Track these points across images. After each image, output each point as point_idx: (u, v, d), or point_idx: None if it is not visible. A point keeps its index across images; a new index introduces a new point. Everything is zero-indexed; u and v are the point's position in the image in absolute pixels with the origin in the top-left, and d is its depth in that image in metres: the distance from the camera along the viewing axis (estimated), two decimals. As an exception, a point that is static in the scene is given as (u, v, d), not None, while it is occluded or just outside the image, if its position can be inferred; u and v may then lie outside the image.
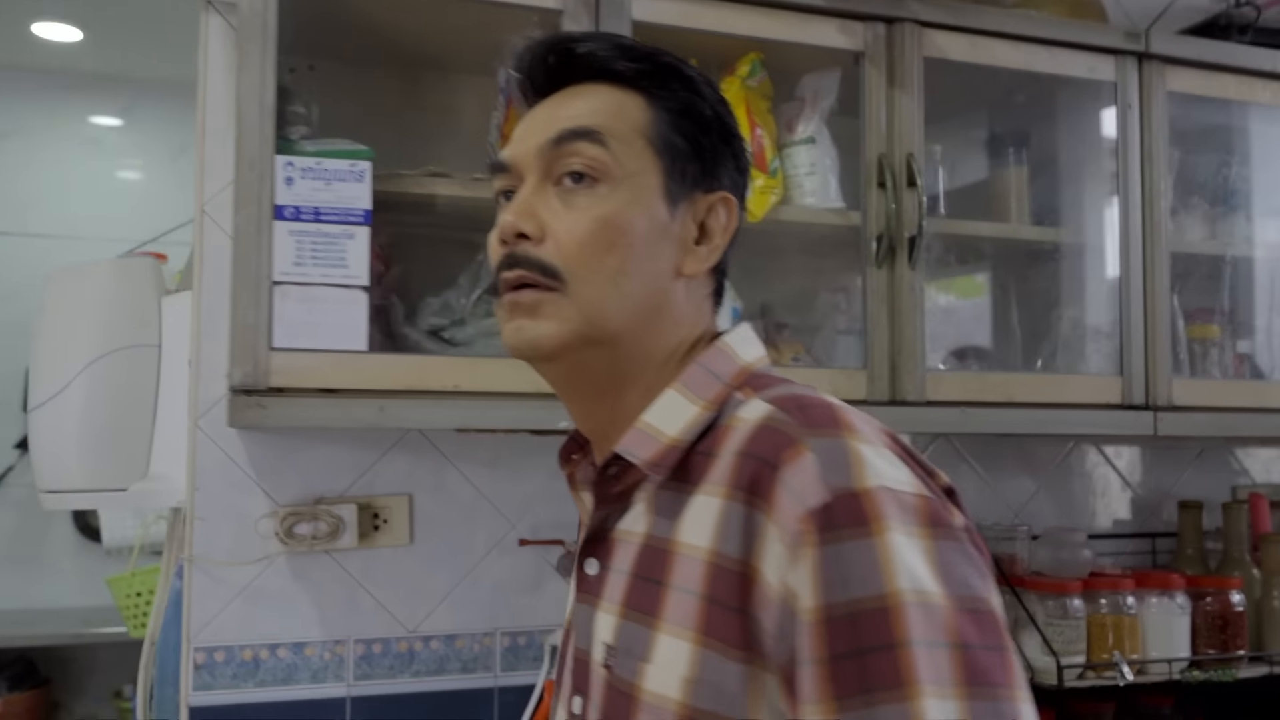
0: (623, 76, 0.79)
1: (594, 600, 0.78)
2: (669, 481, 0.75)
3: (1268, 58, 1.68)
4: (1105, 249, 1.63)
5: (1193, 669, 1.73)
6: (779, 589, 0.64)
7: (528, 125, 0.80)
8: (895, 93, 1.46)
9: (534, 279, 0.75)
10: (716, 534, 0.69)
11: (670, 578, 0.71)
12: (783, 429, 0.68)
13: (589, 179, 0.76)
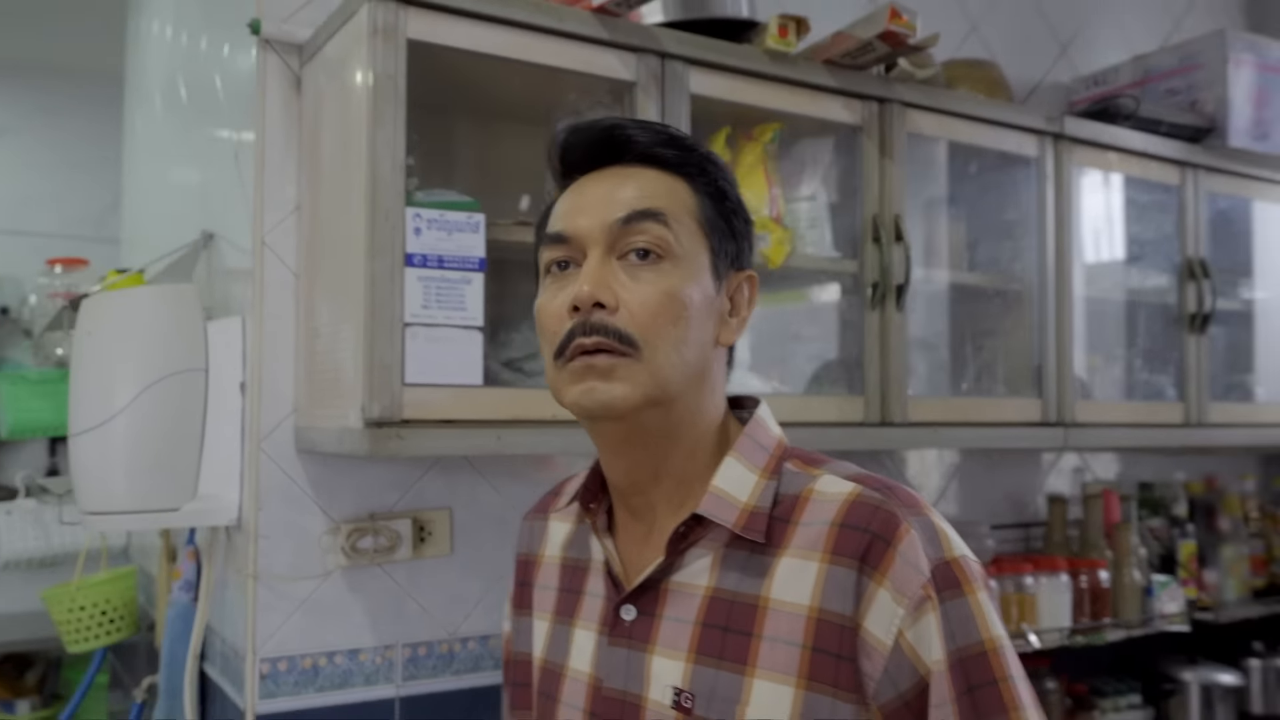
0: (667, 162, 0.88)
1: (641, 645, 0.86)
2: (737, 542, 0.85)
3: (1144, 140, 2.07)
4: (1026, 293, 1.97)
5: (1074, 635, 2.12)
6: (887, 642, 0.77)
7: (583, 202, 0.87)
8: (886, 162, 1.73)
9: (611, 345, 0.82)
10: (819, 593, 0.80)
11: (762, 630, 0.81)
12: (884, 507, 0.81)
13: (654, 255, 0.85)
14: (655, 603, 0.87)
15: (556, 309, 0.85)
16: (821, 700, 0.78)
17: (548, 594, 0.99)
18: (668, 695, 0.84)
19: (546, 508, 1.05)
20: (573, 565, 0.98)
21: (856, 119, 1.72)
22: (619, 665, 0.87)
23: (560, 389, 0.86)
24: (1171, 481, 2.52)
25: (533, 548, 1.04)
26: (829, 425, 1.68)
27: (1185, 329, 2.16)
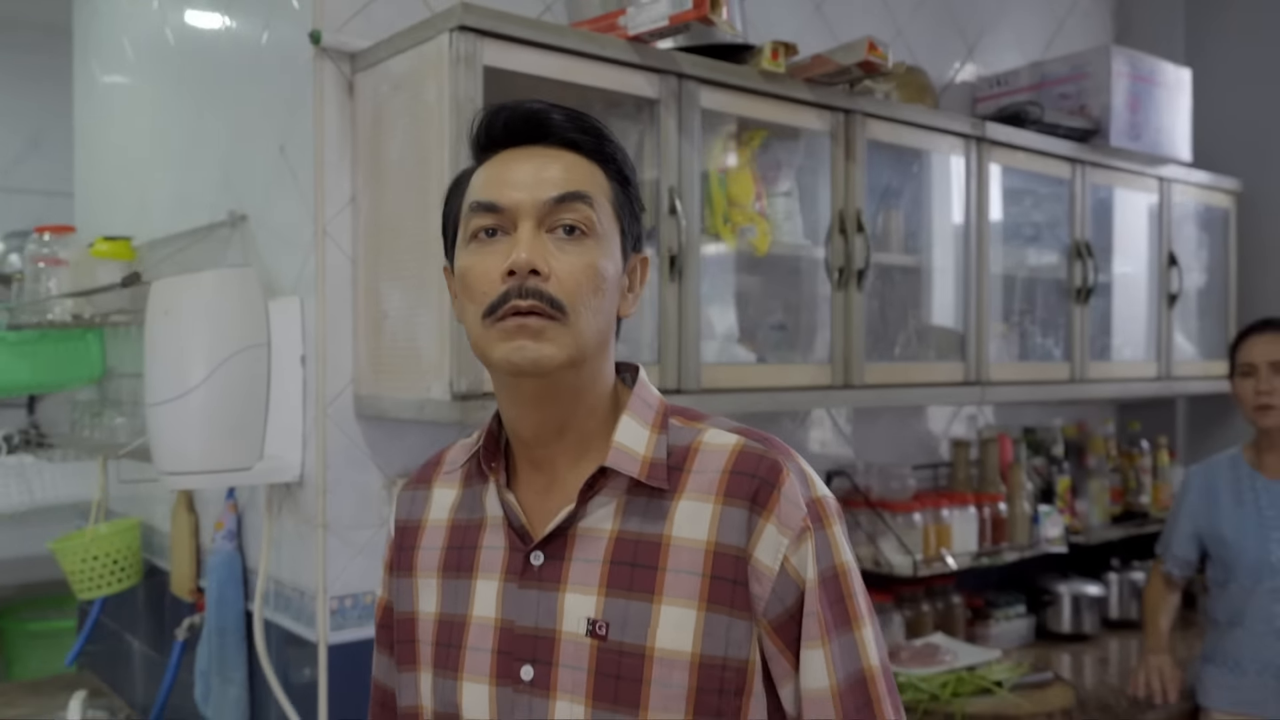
0: (584, 148, 0.97)
1: (553, 585, 0.95)
2: (636, 490, 0.96)
3: (1044, 141, 2.45)
4: (950, 271, 2.33)
5: (980, 557, 2.52)
6: (774, 567, 0.92)
7: (513, 176, 0.95)
8: (850, 164, 2.04)
9: (543, 309, 0.91)
10: (715, 529, 0.93)
11: (666, 563, 0.93)
12: (767, 455, 0.95)
13: (579, 232, 0.94)
14: (563, 547, 0.96)
15: (487, 271, 0.93)
16: (719, 618, 0.92)
17: (433, 554, 1.05)
18: (582, 625, 0.94)
19: (429, 478, 1.10)
20: (464, 525, 1.04)
21: (826, 127, 2.02)
22: (530, 605, 0.96)
23: (489, 345, 0.94)
24: (1050, 426, 2.97)
25: (414, 514, 1.09)
26: (801, 389, 2.00)
27: (1072, 300, 2.56)
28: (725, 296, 2.00)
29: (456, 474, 1.07)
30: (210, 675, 1.99)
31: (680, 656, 0.91)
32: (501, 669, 0.96)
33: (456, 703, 0.98)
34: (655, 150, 1.78)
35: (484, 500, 1.03)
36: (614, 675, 0.93)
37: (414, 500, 1.10)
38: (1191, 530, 2.37)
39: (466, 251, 0.96)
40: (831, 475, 2.51)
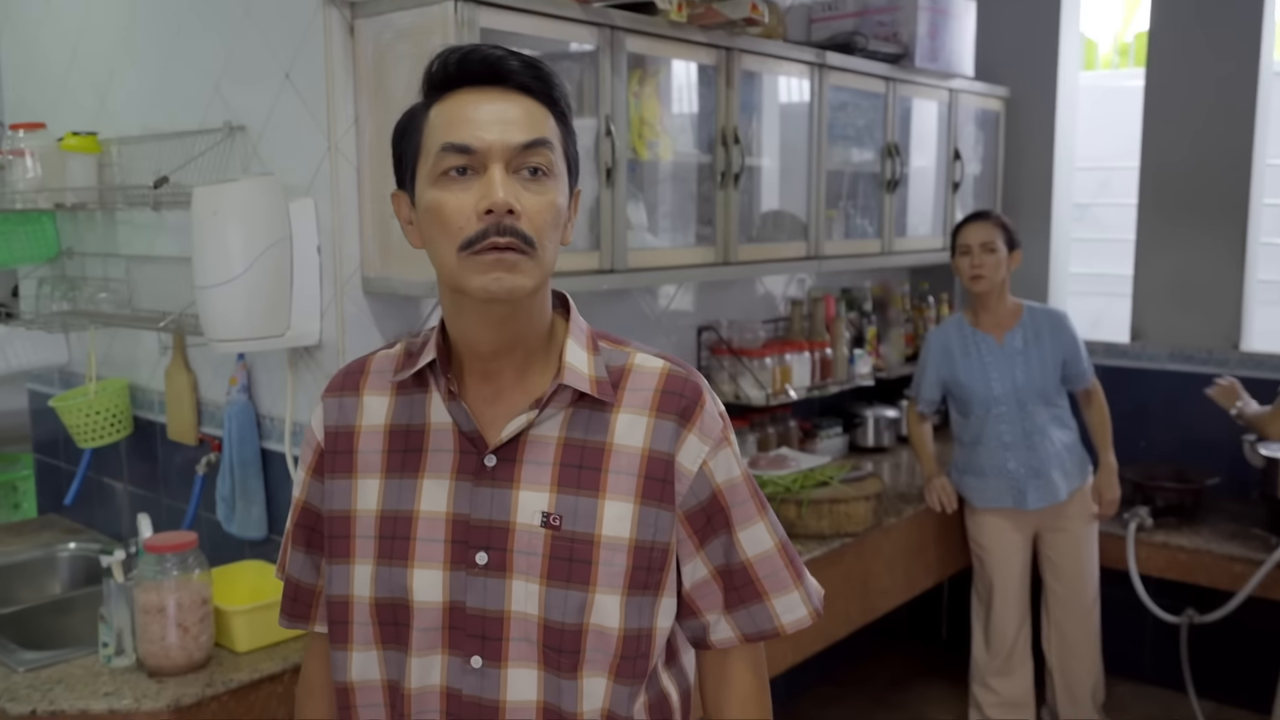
0: (536, 93, 1.08)
1: (506, 484, 1.10)
2: (580, 403, 1.12)
3: (866, 64, 3.10)
4: (795, 170, 2.98)
5: (812, 390, 3.27)
6: (693, 469, 1.12)
7: (479, 118, 1.05)
8: (730, 91, 2.63)
9: (518, 244, 1.03)
10: (649, 438, 1.11)
11: (608, 465, 1.10)
12: (690, 378, 1.15)
13: (542, 173, 1.06)
14: (514, 451, 1.11)
15: (461, 208, 1.04)
16: (650, 510, 1.11)
17: (374, 457, 1.16)
18: (536, 518, 1.09)
19: (355, 385, 1.20)
20: (404, 431, 1.15)
21: (713, 62, 2.60)
22: (484, 501, 1.11)
23: (465, 274, 1.05)
24: (862, 287, 3.73)
25: (344, 420, 1.19)
26: (695, 266, 2.63)
27: (883, 190, 3.28)
28: (637, 196, 2.59)
29: (385, 383, 1.18)
30: (233, 499, 2.49)
31: (621, 542, 1.10)
32: (456, 556, 1.10)
33: (406, 586, 1.12)
34: (594, 87, 2.31)
35: (427, 409, 1.15)
36: (567, 559, 1.09)
37: (342, 407, 1.19)
38: (936, 378, 3.14)
39: (436, 187, 1.06)
40: (701, 329, 3.18)
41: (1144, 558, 3.18)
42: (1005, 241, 2.98)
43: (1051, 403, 3.03)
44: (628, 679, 1.12)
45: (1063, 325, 3.06)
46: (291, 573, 1.26)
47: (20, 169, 2.74)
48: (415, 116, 1.10)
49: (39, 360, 3.04)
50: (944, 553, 3.21)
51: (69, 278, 2.99)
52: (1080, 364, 3.06)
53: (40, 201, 2.75)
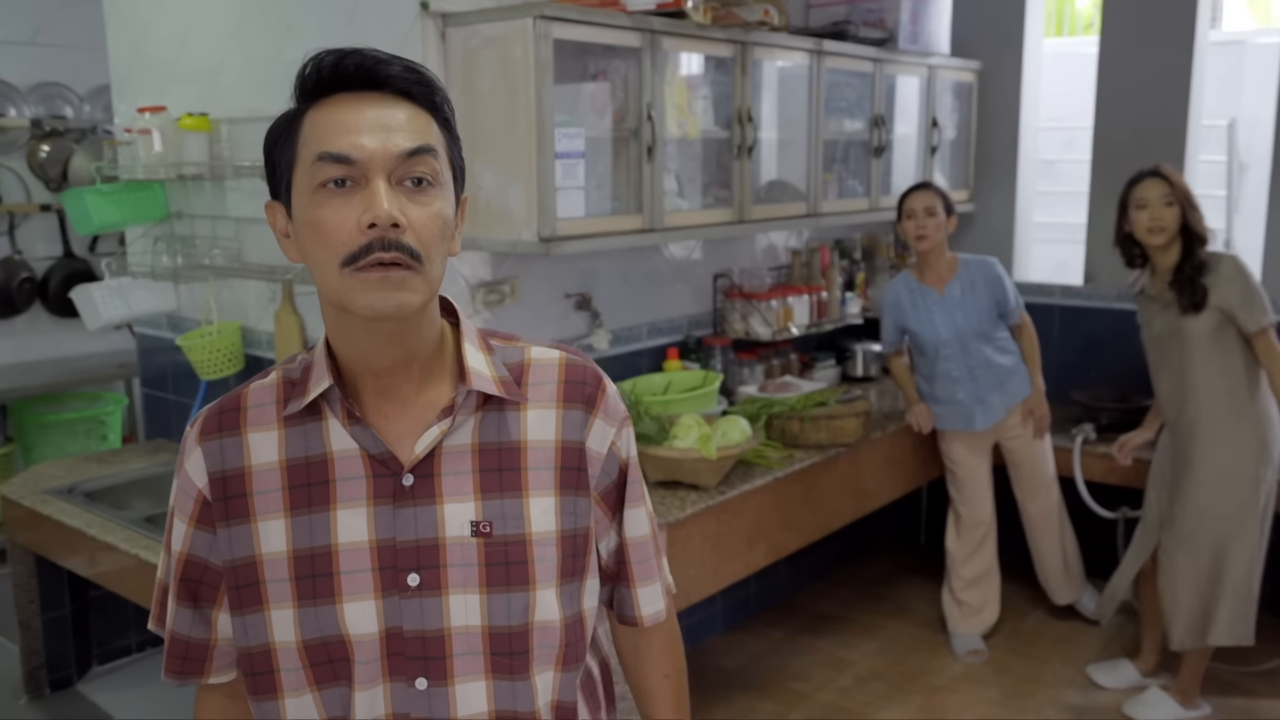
0: (418, 99, 1.03)
1: (428, 500, 1.08)
2: (486, 406, 1.11)
3: (857, 48, 3.62)
4: (796, 141, 3.52)
5: (810, 328, 3.84)
6: (603, 451, 1.16)
7: (358, 125, 1.00)
8: (744, 78, 3.17)
9: (404, 260, 0.99)
10: (560, 429, 1.13)
11: (526, 463, 1.11)
12: (588, 366, 1.17)
13: (426, 183, 1.02)
14: (430, 465, 1.08)
15: (343, 222, 0.99)
16: (569, 499, 1.12)
17: (272, 497, 1.09)
18: (466, 528, 1.07)
19: (235, 425, 1.12)
20: (303, 464, 1.09)
21: (731, 54, 3.13)
22: (408, 522, 1.07)
23: (349, 292, 1.00)
24: (853, 238, 4.29)
25: (231, 463, 1.11)
26: (719, 225, 3.18)
27: (871, 155, 3.83)
28: (670, 167, 3.13)
29: (270, 416, 1.11)
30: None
31: (550, 536, 1.11)
32: (386, 582, 1.07)
33: (338, 623, 1.07)
34: (638, 80, 2.84)
35: (325, 437, 1.09)
36: (503, 563, 1.08)
37: (224, 450, 1.11)
38: (894, 326, 3.65)
39: (313, 201, 1.01)
40: (716, 277, 3.73)
41: (1088, 466, 3.77)
42: (944, 207, 3.52)
43: (990, 338, 3.58)
44: (572, 665, 1.14)
45: (993, 272, 3.59)
46: (178, 629, 1.17)
47: (146, 145, 3.26)
48: (288, 124, 1.05)
49: (154, 306, 3.58)
50: (921, 463, 3.81)
51: (179, 236, 3.52)
52: (1009, 304, 3.60)
53: (162, 172, 3.28)
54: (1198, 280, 3.07)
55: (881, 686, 3.55)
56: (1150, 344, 3.30)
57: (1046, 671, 3.63)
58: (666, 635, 1.30)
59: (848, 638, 3.89)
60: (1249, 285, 3.06)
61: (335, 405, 1.09)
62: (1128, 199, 3.21)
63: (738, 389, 3.59)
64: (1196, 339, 3.10)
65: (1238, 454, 3.10)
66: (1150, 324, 3.27)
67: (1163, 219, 3.10)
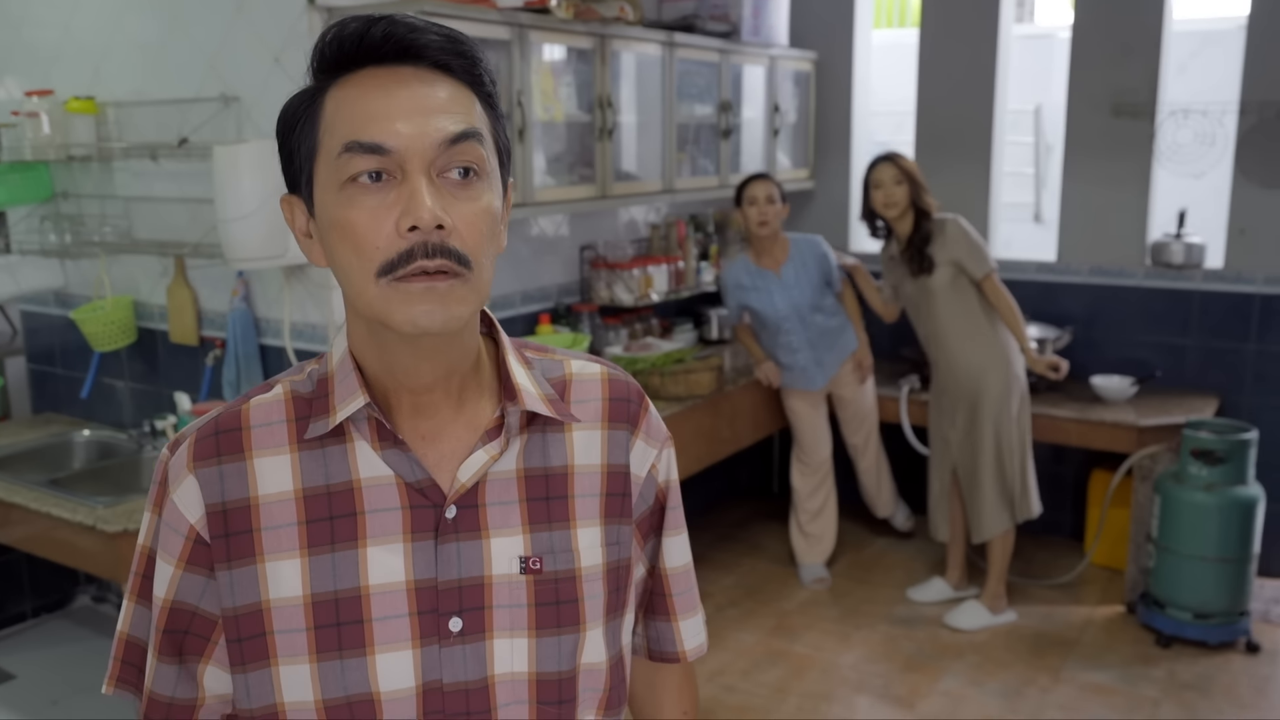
0: (457, 71, 0.90)
1: (474, 534, 0.95)
2: (532, 426, 1.00)
3: (704, 40, 4.01)
4: (651, 124, 3.89)
5: (669, 295, 4.23)
6: (642, 475, 1.06)
7: (394, 108, 0.86)
8: (604, 67, 3.51)
9: (451, 267, 0.86)
10: (606, 452, 1.03)
11: (573, 490, 1.00)
12: (630, 381, 1.07)
13: (473, 174, 0.88)
14: (475, 495, 0.96)
15: (379, 224, 0.86)
16: (612, 528, 1.02)
17: (286, 533, 0.94)
18: (515, 565, 0.96)
19: (238, 447, 0.95)
20: (324, 494, 0.94)
21: (592, 46, 3.47)
22: (450, 559, 0.94)
23: (388, 306, 0.87)
24: (706, 213, 4.70)
25: (233, 494, 0.94)
26: (582, 200, 3.52)
27: (719, 138, 4.23)
28: (539, 148, 3.45)
29: (280, 438, 0.96)
30: (238, 383, 3.28)
31: (597, 570, 1.00)
32: (425, 628, 0.93)
33: (367, 679, 0.93)
34: (508, 70, 3.16)
35: (350, 462, 0.95)
36: (554, 602, 0.97)
37: (225, 478, 0.95)
38: (736, 304, 4.06)
39: (342, 198, 0.88)
40: (583, 248, 4.08)
41: (912, 413, 4.28)
42: (780, 195, 3.95)
43: (821, 307, 4.04)
44: (615, 709, 1.05)
45: (820, 250, 4.05)
46: (158, 691, 0.99)
47: (34, 127, 3.41)
48: (306, 104, 0.91)
49: (41, 283, 3.72)
50: (768, 414, 4.26)
51: (66, 215, 3.67)
52: (833, 274, 4.06)
53: (51, 154, 3.43)
54: (924, 249, 3.69)
55: (737, 613, 3.99)
56: (905, 299, 3.90)
57: (880, 594, 4.13)
58: (685, 669, 1.18)
59: (709, 574, 4.31)
60: (970, 241, 3.68)
61: (363, 426, 0.95)
62: (868, 180, 3.79)
63: (604, 350, 3.95)
64: (938, 291, 3.72)
65: (992, 374, 3.72)
66: (902, 284, 3.86)
67: (893, 195, 3.70)
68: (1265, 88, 4.01)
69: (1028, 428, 3.85)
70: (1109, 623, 3.89)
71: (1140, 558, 3.89)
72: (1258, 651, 3.63)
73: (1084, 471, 4.50)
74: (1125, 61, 4.24)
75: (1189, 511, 3.60)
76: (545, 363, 1.05)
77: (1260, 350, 4.17)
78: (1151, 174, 4.28)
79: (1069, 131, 4.40)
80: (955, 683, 3.48)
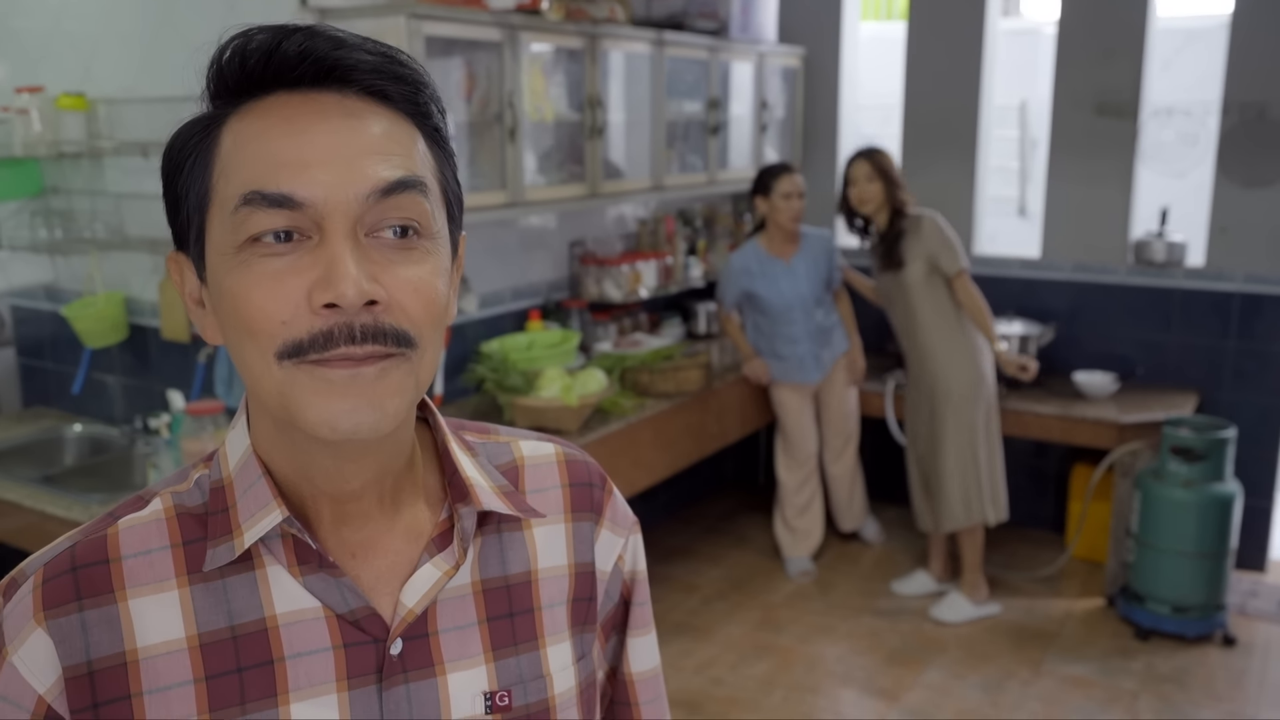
0: (392, 97, 0.71)
1: (426, 672, 0.76)
2: (485, 526, 0.80)
3: (694, 38, 4.03)
4: (640, 122, 3.92)
5: (658, 290, 4.26)
6: (608, 569, 0.87)
7: (310, 150, 0.67)
8: (593, 66, 3.53)
9: (387, 350, 0.67)
10: (572, 550, 0.84)
11: (540, 601, 0.81)
12: (588, 461, 0.89)
13: (413, 234, 0.69)
14: (423, 623, 0.76)
15: (286, 297, 0.66)
16: (579, 639, 0.84)
17: (177, 695, 0.71)
18: (478, 704, 0.77)
19: (105, 584, 0.72)
20: (228, 639, 0.72)
21: (583, 46, 3.49)
22: (399, 705, 0.75)
23: (297, 399, 0.68)
24: (694, 209, 4.73)
25: (101, 649, 0.71)
26: (574, 199, 3.55)
27: (708, 134, 4.26)
28: (530, 147, 3.47)
29: (160, 570, 0.73)
30: (230, 379, 3.30)
31: (571, 694, 0.83)
32: None
33: None
34: (500, 70, 3.18)
35: (263, 593, 0.74)
36: None
37: (88, 629, 0.71)
38: (737, 290, 4.10)
39: (236, 262, 0.68)
40: (572, 244, 4.11)
41: (897, 407, 4.33)
42: None
43: (822, 302, 4.10)
44: None
45: (829, 245, 4.12)
46: None
47: (24, 123, 3.41)
48: (198, 137, 0.72)
49: (30, 278, 3.73)
50: (755, 410, 4.30)
51: (56, 211, 3.67)
52: (836, 273, 4.13)
53: (41, 150, 3.43)
54: (895, 245, 3.76)
55: (725, 606, 4.04)
56: (882, 293, 3.97)
57: (865, 587, 4.19)
58: None
59: (696, 566, 4.36)
60: (944, 237, 3.74)
61: (276, 545, 0.75)
62: (845, 176, 3.87)
63: (594, 346, 3.98)
64: (913, 286, 3.79)
65: (958, 371, 3.80)
66: (879, 277, 3.93)
67: (866, 192, 3.79)
68: (1247, 87, 4.06)
69: (996, 430, 3.92)
70: (1089, 616, 3.96)
71: (1120, 552, 3.96)
72: (1234, 644, 3.71)
73: (1066, 466, 4.57)
74: (1109, 61, 4.28)
75: (1168, 507, 3.67)
76: (490, 447, 0.86)
77: (1240, 348, 4.23)
78: (1134, 173, 4.33)
79: (1054, 130, 4.45)
80: (938, 675, 3.54)
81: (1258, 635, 3.80)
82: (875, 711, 3.36)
